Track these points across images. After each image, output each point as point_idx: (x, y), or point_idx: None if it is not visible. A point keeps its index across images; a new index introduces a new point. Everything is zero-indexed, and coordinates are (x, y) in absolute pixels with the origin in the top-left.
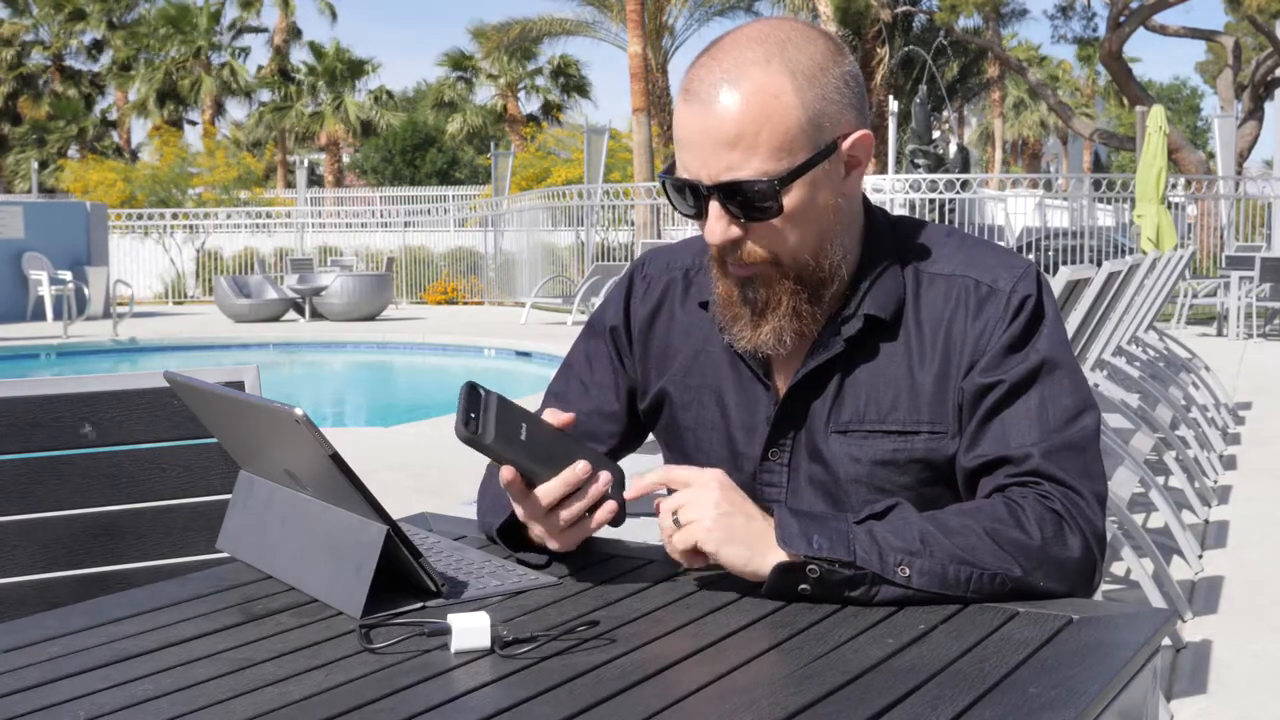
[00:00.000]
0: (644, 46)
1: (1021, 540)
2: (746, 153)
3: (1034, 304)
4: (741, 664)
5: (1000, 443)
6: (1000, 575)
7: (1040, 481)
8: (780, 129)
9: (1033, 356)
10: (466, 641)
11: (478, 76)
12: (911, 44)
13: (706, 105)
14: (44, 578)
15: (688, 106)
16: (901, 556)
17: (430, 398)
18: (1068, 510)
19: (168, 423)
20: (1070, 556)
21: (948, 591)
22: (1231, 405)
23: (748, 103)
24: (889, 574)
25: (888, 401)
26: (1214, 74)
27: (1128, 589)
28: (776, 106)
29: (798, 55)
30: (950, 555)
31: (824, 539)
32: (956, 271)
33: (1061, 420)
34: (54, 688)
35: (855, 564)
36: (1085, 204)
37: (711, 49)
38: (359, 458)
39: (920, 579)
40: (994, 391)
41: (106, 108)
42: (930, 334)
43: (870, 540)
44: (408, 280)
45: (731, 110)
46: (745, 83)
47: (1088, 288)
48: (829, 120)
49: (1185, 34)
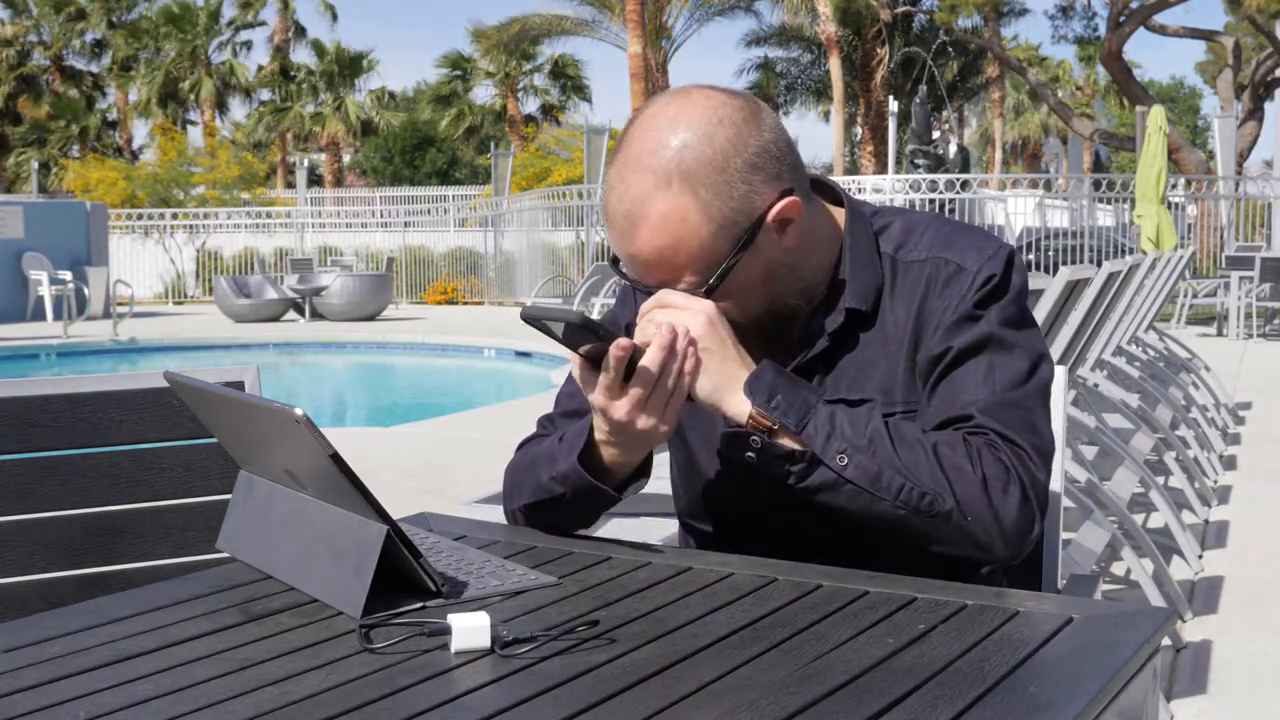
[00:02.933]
0: (644, 46)
1: (964, 468)
2: (670, 273)
3: (998, 281)
4: (741, 664)
5: (948, 405)
6: (930, 496)
7: (987, 433)
8: (694, 246)
9: (983, 326)
10: (466, 641)
11: (475, 75)
12: (911, 44)
13: (622, 235)
14: (44, 578)
15: (609, 227)
16: (844, 445)
17: (430, 398)
18: (1010, 461)
19: (168, 423)
20: (1010, 504)
21: (877, 494)
22: (1231, 405)
23: (655, 235)
24: (827, 458)
25: (866, 385)
26: (1214, 74)
27: (1128, 589)
28: (685, 229)
29: (696, 163)
30: (889, 461)
31: (784, 400)
32: (930, 254)
33: (1008, 385)
34: (54, 688)
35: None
36: (1085, 204)
37: (618, 160)
38: (359, 458)
39: (855, 472)
40: (945, 359)
41: (107, 108)
42: (904, 317)
43: (827, 421)
44: (408, 280)
45: (643, 244)
46: (650, 217)
47: (1088, 288)
48: (744, 210)
49: (1185, 34)
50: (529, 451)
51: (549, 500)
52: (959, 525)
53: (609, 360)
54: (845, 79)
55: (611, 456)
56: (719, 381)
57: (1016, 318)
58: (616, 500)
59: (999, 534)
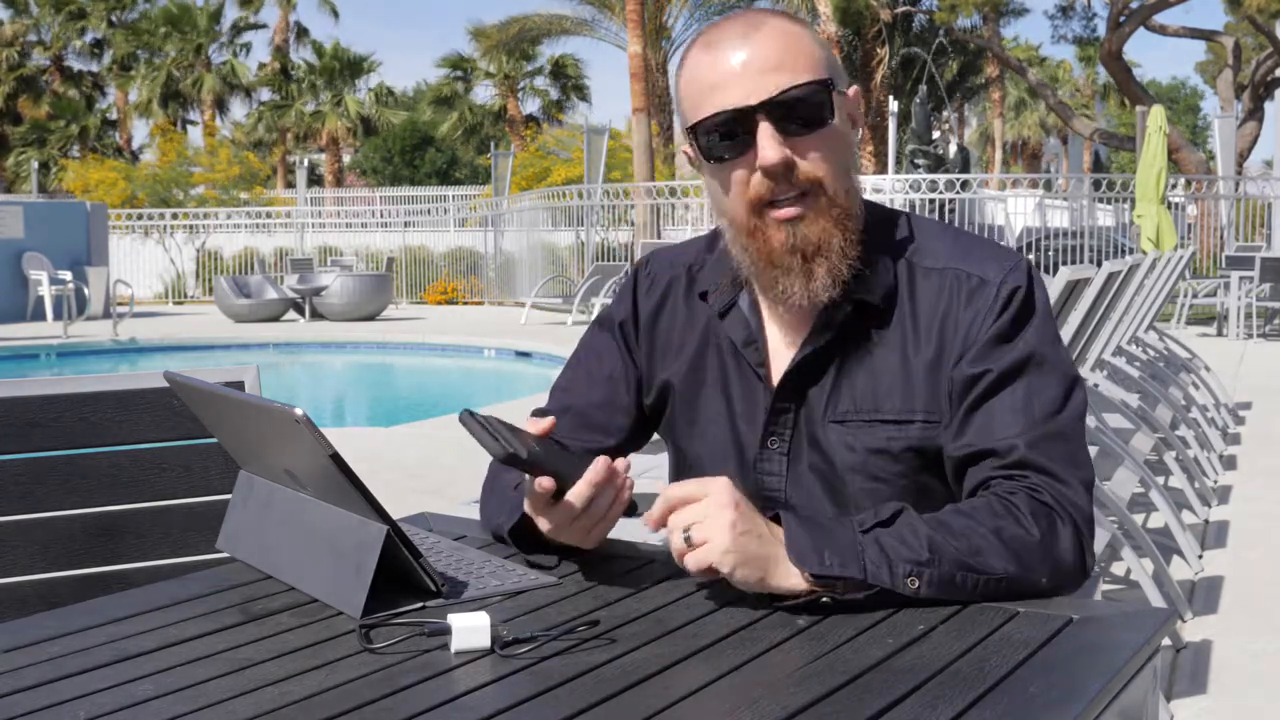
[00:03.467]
0: (644, 46)
1: (1022, 536)
2: (791, 70)
3: (1024, 296)
4: (741, 664)
5: (986, 434)
6: (1004, 578)
7: (1027, 474)
8: (809, 54)
9: (1020, 347)
10: (466, 641)
11: (475, 75)
12: (911, 44)
13: (739, 43)
14: (44, 578)
15: (716, 52)
16: (910, 568)
17: (430, 398)
18: (1057, 501)
19: (168, 423)
20: (1065, 547)
21: (955, 597)
22: (1231, 405)
23: (777, 36)
24: (899, 587)
25: (883, 391)
26: (1214, 74)
27: (1128, 589)
28: (801, 39)
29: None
30: (957, 562)
31: (835, 555)
32: (949, 265)
33: (1047, 411)
34: (54, 688)
35: (866, 581)
36: (1085, 204)
37: (710, 29)
38: (359, 458)
39: (929, 589)
40: (981, 382)
41: (107, 107)
42: (925, 325)
43: (879, 552)
44: (408, 280)
45: (767, 41)
46: (768, 24)
47: (1088, 288)
48: (836, 69)
49: (1185, 34)
50: (495, 480)
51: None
52: (1034, 585)
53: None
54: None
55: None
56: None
57: (1052, 335)
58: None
59: (1063, 577)
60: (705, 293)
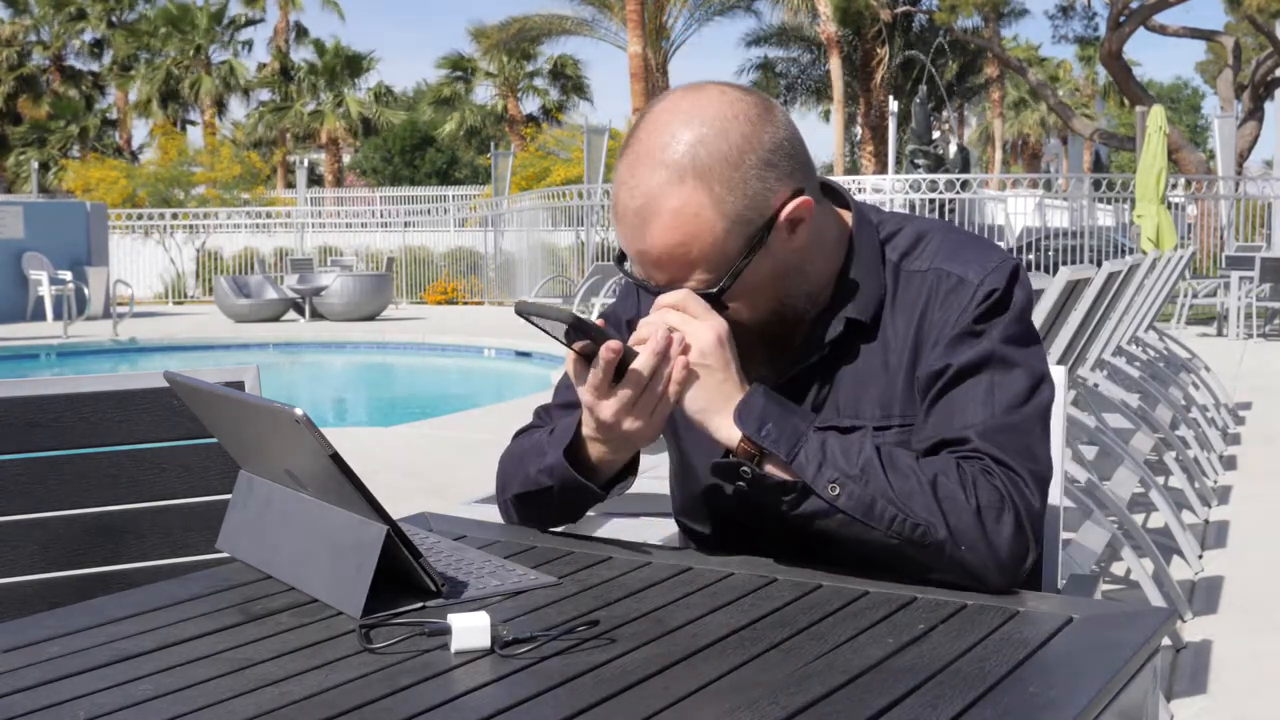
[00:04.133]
0: (644, 46)
1: (958, 498)
2: (681, 270)
3: (1000, 296)
4: (741, 664)
5: (945, 424)
6: (923, 527)
7: (983, 458)
8: (707, 244)
9: (984, 344)
10: (466, 641)
11: (475, 75)
12: (911, 44)
13: (633, 231)
14: (44, 578)
15: (618, 223)
16: (836, 474)
17: (430, 398)
18: (1005, 488)
19: (168, 423)
20: (1003, 534)
21: (870, 523)
22: (1231, 405)
23: (668, 231)
24: (819, 488)
25: (865, 397)
26: (1214, 74)
27: (1128, 589)
28: (698, 226)
29: (710, 160)
30: (882, 491)
31: (775, 429)
32: (933, 265)
33: (1007, 406)
34: (54, 688)
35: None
36: (1085, 204)
37: (629, 153)
38: (359, 458)
39: (846, 501)
40: (943, 376)
41: (107, 107)
42: (904, 329)
43: (819, 450)
44: (408, 280)
45: (655, 240)
46: (663, 213)
47: (1088, 288)
48: (756, 210)
49: (1185, 34)
50: (521, 443)
51: (537, 492)
52: (953, 555)
53: (599, 360)
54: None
55: (598, 454)
56: (712, 400)
57: (1020, 335)
58: (602, 498)
59: (994, 564)
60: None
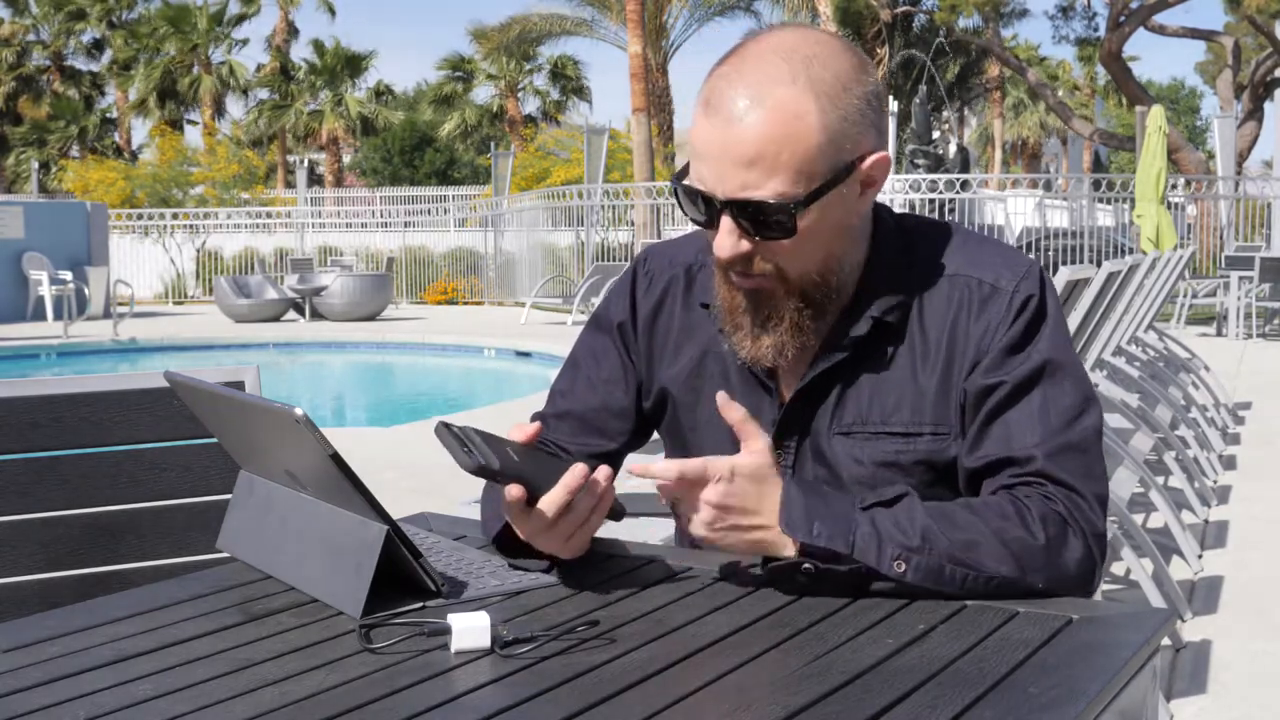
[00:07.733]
0: (644, 46)
1: (1025, 540)
2: (765, 173)
3: (1037, 303)
4: (741, 664)
5: (1004, 444)
6: (996, 580)
7: (1044, 483)
8: (801, 151)
9: (1035, 357)
10: (466, 641)
11: (475, 76)
12: (911, 44)
13: (727, 121)
14: (44, 578)
15: (707, 120)
16: (899, 551)
17: (430, 398)
18: (1070, 512)
19: (168, 423)
20: (1071, 558)
21: (940, 588)
22: (1231, 405)
23: (770, 123)
24: (884, 568)
25: (891, 403)
26: (1214, 74)
27: (1128, 589)
28: (799, 128)
29: (823, 73)
30: (948, 555)
31: (825, 526)
32: (960, 271)
33: (1063, 421)
34: (54, 688)
35: (851, 557)
36: (1085, 204)
37: (734, 58)
38: (359, 458)
39: (915, 575)
40: (996, 392)
41: (106, 107)
42: (934, 335)
43: (871, 530)
44: (408, 280)
45: (753, 129)
46: (769, 101)
47: (1088, 288)
48: (849, 142)
49: (1185, 34)
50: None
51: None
52: (1027, 588)
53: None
54: None
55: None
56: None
57: (1064, 341)
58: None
59: (1065, 587)
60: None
